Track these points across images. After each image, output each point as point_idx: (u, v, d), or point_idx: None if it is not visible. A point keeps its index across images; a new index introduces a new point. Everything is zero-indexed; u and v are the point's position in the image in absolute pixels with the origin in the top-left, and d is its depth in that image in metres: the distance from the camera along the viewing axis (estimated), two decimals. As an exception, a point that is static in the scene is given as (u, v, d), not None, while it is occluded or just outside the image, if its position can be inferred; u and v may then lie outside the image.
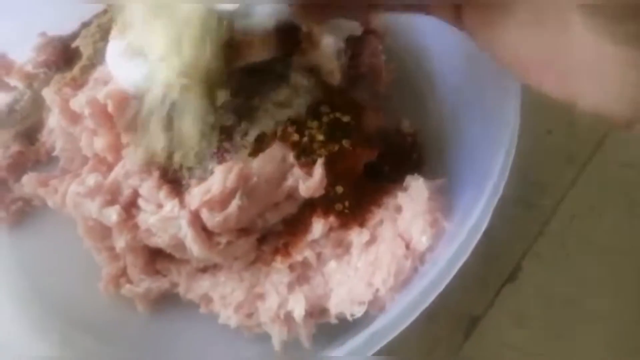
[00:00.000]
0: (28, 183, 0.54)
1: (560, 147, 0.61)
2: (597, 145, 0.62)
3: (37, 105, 0.60)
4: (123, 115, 0.47)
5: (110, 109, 0.47)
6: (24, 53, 0.62)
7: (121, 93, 0.47)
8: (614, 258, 0.55)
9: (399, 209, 0.47)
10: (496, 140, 0.46)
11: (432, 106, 0.60)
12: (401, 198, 0.47)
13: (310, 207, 0.48)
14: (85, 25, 0.63)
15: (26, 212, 0.57)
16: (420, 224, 0.44)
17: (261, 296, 0.48)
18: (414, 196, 0.46)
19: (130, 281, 0.51)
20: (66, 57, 0.61)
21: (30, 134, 0.59)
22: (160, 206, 0.47)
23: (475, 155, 0.52)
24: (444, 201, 0.46)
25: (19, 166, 0.58)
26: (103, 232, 0.50)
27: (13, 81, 0.61)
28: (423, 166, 0.58)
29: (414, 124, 0.58)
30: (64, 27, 0.64)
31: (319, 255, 0.47)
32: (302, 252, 0.47)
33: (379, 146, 0.50)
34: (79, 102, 0.48)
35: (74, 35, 0.62)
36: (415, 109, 0.60)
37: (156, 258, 0.51)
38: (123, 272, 0.52)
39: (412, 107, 0.61)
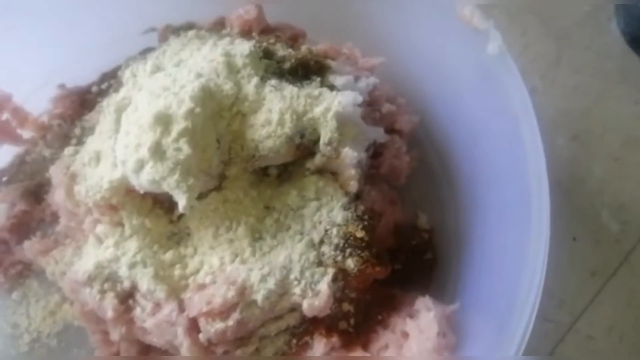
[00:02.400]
0: (29, 249, 0.53)
1: (584, 257, 0.58)
2: (624, 259, 0.58)
3: (48, 159, 0.58)
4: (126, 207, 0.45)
5: (114, 201, 0.45)
6: (41, 103, 0.60)
7: (127, 186, 0.45)
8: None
9: (405, 336, 0.44)
10: (519, 248, 0.44)
11: (449, 199, 0.58)
12: (409, 325, 0.44)
13: (313, 321, 0.45)
14: (105, 76, 0.62)
15: (25, 276, 0.55)
16: (426, 363, 0.42)
17: (254, 406, 0.46)
18: (422, 327, 0.43)
19: (122, 367, 0.50)
20: (82, 109, 0.60)
21: (38, 191, 0.57)
22: (158, 306, 0.45)
23: (493, 262, 0.50)
24: (453, 338, 0.43)
25: (22, 226, 0.56)
26: (98, 317, 0.48)
27: (26, 133, 0.60)
28: (436, 267, 0.55)
29: (431, 219, 0.56)
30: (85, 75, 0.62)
31: (317, 373, 0.45)
32: (300, 369, 0.45)
33: (393, 254, 0.48)
34: (82, 192, 0.46)
35: (92, 86, 0.61)
36: (433, 202, 0.58)
37: (150, 348, 0.49)
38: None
39: (430, 199, 0.58)
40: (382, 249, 0.48)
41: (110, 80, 0.59)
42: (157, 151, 0.41)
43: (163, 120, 0.42)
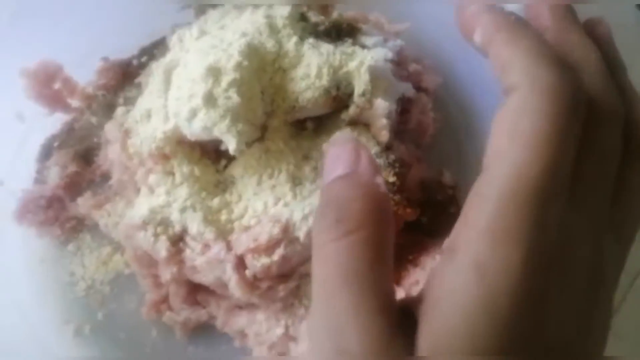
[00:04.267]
0: (83, 204, 0.58)
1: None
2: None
3: (95, 126, 0.63)
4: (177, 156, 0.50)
5: (167, 150, 0.49)
6: (87, 74, 0.65)
7: (178, 136, 0.49)
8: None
9: (435, 271, 0.48)
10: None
11: (472, 159, 0.62)
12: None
13: (349, 260, 0.49)
14: (144, 50, 0.66)
15: (79, 230, 0.60)
16: (455, 292, 0.45)
17: (294, 339, 0.50)
18: (451, 261, 0.47)
19: (171, 309, 0.54)
20: (124, 81, 0.64)
21: (87, 154, 0.62)
22: (207, 246, 0.49)
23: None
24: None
25: (75, 185, 0.60)
26: (150, 261, 0.52)
27: (75, 102, 0.64)
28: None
29: (455, 176, 0.60)
30: (126, 48, 0.66)
31: (354, 307, 0.49)
32: (338, 303, 0.49)
33: (420, 207, 0.52)
34: (137, 143, 0.50)
35: (132, 59, 0.66)
36: (456, 161, 0.62)
37: (198, 289, 0.54)
38: (165, 299, 0.55)
39: (453, 158, 0.62)
40: (413, 194, 0.52)
41: (153, 50, 0.64)
42: (210, 100, 0.46)
43: (214, 73, 0.46)
